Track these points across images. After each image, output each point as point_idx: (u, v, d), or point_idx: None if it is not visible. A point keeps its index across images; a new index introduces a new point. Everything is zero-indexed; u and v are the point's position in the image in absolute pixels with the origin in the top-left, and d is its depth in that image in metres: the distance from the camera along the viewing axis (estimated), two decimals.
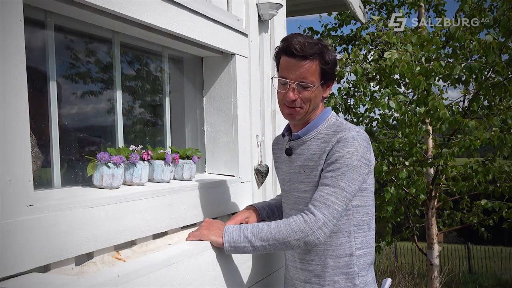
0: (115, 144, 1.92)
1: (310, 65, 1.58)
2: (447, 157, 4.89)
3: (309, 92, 1.60)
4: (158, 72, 2.27)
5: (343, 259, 1.63)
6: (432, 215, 6.04)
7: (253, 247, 1.55)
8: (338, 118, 1.70)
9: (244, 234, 1.56)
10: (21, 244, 1.23)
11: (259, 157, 2.56)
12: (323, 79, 1.62)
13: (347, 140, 1.55)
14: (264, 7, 2.65)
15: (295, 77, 1.59)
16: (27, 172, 1.26)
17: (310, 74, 1.58)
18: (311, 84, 1.59)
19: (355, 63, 5.62)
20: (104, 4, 1.57)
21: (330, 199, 1.51)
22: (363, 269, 1.65)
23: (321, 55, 1.59)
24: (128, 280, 1.27)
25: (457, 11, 5.43)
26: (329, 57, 1.61)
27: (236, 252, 1.61)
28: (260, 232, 1.55)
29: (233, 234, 1.59)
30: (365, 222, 1.66)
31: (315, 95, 1.62)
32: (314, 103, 1.64)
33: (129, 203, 1.63)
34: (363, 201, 1.64)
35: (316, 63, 1.59)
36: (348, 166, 1.53)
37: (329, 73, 1.62)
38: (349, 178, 1.53)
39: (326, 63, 1.60)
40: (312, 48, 1.57)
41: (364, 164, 1.56)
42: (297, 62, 1.58)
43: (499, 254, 12.07)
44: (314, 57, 1.58)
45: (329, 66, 1.61)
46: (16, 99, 1.23)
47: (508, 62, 4.60)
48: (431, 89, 4.99)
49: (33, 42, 1.60)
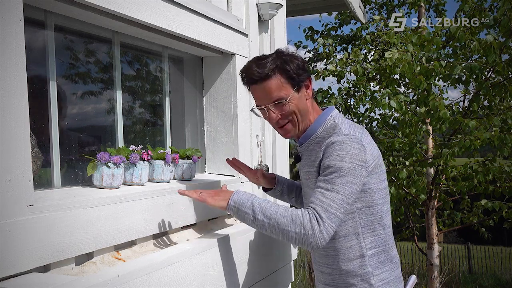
0: (115, 144, 1.92)
1: (273, 82, 1.59)
2: (447, 157, 4.89)
3: (287, 106, 1.61)
4: (158, 72, 2.27)
5: (355, 261, 1.62)
6: (432, 215, 6.04)
7: (254, 218, 1.53)
8: (338, 119, 1.65)
9: (252, 202, 1.55)
10: (21, 244, 1.23)
11: (259, 157, 2.56)
12: (293, 85, 1.61)
13: (336, 144, 1.53)
14: (264, 7, 2.65)
15: (266, 100, 1.62)
16: (27, 172, 1.26)
17: (277, 90, 1.59)
18: (283, 98, 1.60)
19: (355, 63, 5.62)
20: (104, 4, 1.57)
21: (328, 202, 1.48)
22: (377, 268, 1.63)
23: (278, 67, 1.59)
24: (128, 280, 1.28)
25: (457, 11, 5.42)
26: (288, 63, 1.60)
27: (237, 215, 1.58)
28: (267, 208, 1.52)
29: (242, 196, 1.57)
30: (374, 221, 1.63)
31: (296, 104, 1.62)
32: (300, 111, 1.63)
33: (129, 203, 1.63)
34: (368, 201, 1.61)
35: (277, 77, 1.59)
36: (341, 169, 1.50)
37: (296, 76, 1.61)
38: (342, 181, 1.49)
39: (287, 71, 1.59)
40: (266, 66, 1.58)
41: (359, 166, 1.53)
42: (261, 86, 1.60)
43: (499, 254, 12.06)
44: (273, 73, 1.59)
45: (293, 71, 1.60)
46: (16, 99, 1.23)
47: (509, 62, 4.59)
48: (432, 89, 4.99)
49: (33, 42, 1.60)
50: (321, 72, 5.89)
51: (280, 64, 1.59)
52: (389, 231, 1.69)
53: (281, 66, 1.59)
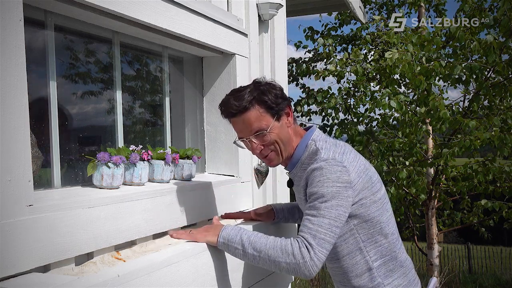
0: (115, 144, 1.92)
1: (252, 113, 1.59)
2: (447, 157, 4.89)
3: (268, 136, 1.61)
4: (158, 72, 2.27)
5: (364, 275, 1.63)
6: (432, 215, 6.04)
7: (244, 253, 1.53)
8: (318, 142, 1.64)
9: (241, 236, 1.55)
10: (21, 244, 1.23)
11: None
12: (273, 115, 1.61)
13: (316, 170, 1.53)
14: (264, 7, 2.65)
15: (247, 132, 1.62)
16: (27, 172, 1.26)
17: (257, 121, 1.59)
18: (263, 129, 1.60)
19: (355, 63, 5.62)
20: (104, 4, 1.57)
21: (316, 229, 1.48)
22: (388, 277, 1.64)
23: (256, 99, 1.59)
24: (128, 280, 1.27)
25: (457, 11, 5.42)
26: (266, 93, 1.60)
27: (227, 250, 1.59)
28: (255, 241, 1.52)
29: (231, 232, 1.57)
30: (374, 233, 1.63)
31: (277, 133, 1.62)
32: (282, 140, 1.63)
33: (129, 203, 1.63)
34: (364, 216, 1.61)
35: (256, 108, 1.59)
36: (323, 195, 1.50)
37: (274, 106, 1.61)
38: (327, 205, 1.49)
39: (265, 102, 1.59)
40: (244, 98, 1.58)
41: (343, 188, 1.52)
42: (241, 118, 1.61)
43: (499, 254, 12.05)
44: (251, 104, 1.59)
45: (271, 101, 1.60)
46: (16, 99, 1.23)
47: (509, 62, 4.59)
48: (432, 89, 4.98)
49: (33, 42, 1.60)
50: (321, 72, 5.88)
51: (257, 96, 1.59)
52: (394, 238, 1.68)
53: (258, 98, 1.59)
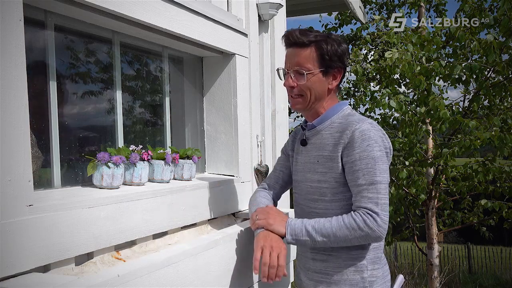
0: (115, 144, 1.92)
1: (306, 52, 1.62)
2: (447, 157, 4.90)
3: (305, 78, 1.62)
4: (158, 72, 2.27)
5: (354, 251, 1.64)
6: (432, 215, 6.04)
7: (314, 242, 1.58)
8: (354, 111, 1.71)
9: (306, 228, 1.59)
10: (21, 244, 1.23)
11: (259, 157, 2.56)
12: (322, 66, 1.63)
13: (364, 133, 1.56)
14: (264, 7, 2.65)
15: (290, 65, 1.65)
16: (27, 172, 1.26)
17: (305, 61, 1.62)
18: (306, 70, 1.62)
19: (356, 63, 5.62)
20: (104, 4, 1.57)
21: (376, 196, 1.53)
22: (373, 263, 1.65)
23: (318, 42, 1.61)
24: (128, 280, 1.27)
25: (457, 11, 5.42)
26: (328, 45, 1.62)
27: (298, 244, 1.65)
28: (321, 228, 1.56)
29: (295, 227, 1.61)
30: None
31: (314, 83, 1.63)
32: (315, 91, 1.65)
33: (129, 203, 1.63)
34: None
35: (312, 49, 1.62)
36: (374, 159, 1.54)
37: (328, 58, 1.62)
38: (380, 169, 1.54)
39: (323, 50, 1.61)
40: (308, 36, 1.61)
41: (386, 153, 1.59)
42: (294, 51, 1.64)
43: (499, 254, 12.05)
44: (310, 45, 1.62)
45: (329, 54, 1.62)
46: (16, 99, 1.23)
47: (509, 62, 4.60)
48: (432, 89, 4.99)
49: (33, 42, 1.60)
50: None
51: (320, 41, 1.62)
52: None
53: (319, 43, 1.62)
